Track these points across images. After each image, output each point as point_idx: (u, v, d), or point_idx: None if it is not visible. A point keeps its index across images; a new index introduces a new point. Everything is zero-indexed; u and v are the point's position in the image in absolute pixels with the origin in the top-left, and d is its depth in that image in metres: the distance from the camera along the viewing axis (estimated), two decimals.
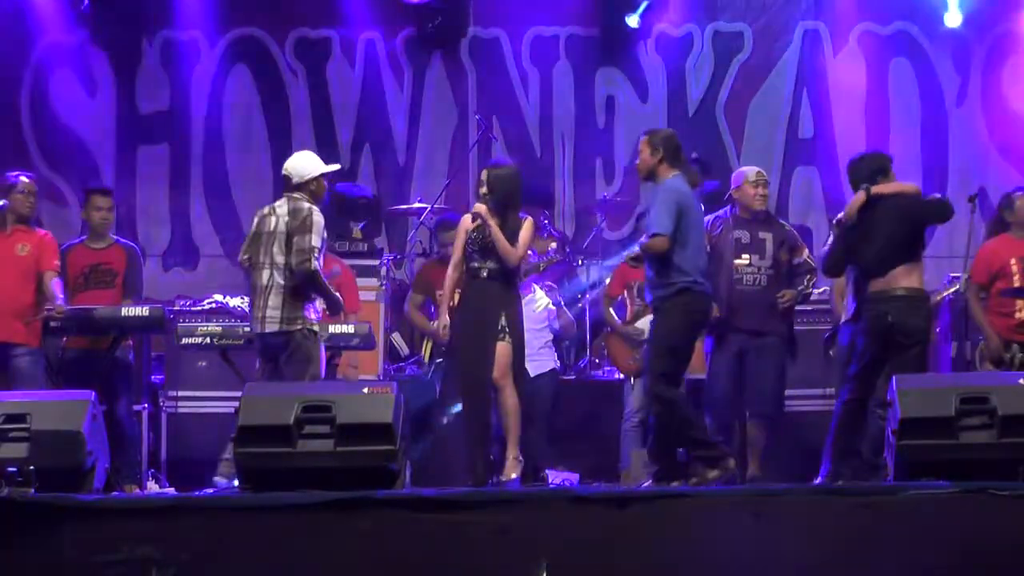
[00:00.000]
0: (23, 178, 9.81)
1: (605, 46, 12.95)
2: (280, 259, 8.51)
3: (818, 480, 8.55)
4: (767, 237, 9.52)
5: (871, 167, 8.92)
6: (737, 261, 9.43)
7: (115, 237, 10.18)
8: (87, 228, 10.20)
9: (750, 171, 9.70)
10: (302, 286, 8.51)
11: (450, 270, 9.12)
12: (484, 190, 9.02)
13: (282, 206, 8.65)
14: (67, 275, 9.91)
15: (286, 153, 12.25)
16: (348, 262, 10.96)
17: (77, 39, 12.63)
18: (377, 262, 11.16)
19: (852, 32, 12.80)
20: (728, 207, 9.68)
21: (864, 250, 8.72)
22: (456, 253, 9.09)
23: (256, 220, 8.81)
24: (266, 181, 12.47)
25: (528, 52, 13.01)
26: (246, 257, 8.74)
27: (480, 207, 8.98)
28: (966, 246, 9.48)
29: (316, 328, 8.51)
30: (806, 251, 9.78)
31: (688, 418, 8.62)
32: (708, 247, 9.17)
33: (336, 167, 9.24)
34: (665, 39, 12.95)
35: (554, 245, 11.17)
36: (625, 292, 10.46)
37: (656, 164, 8.69)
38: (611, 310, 10.50)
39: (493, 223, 8.88)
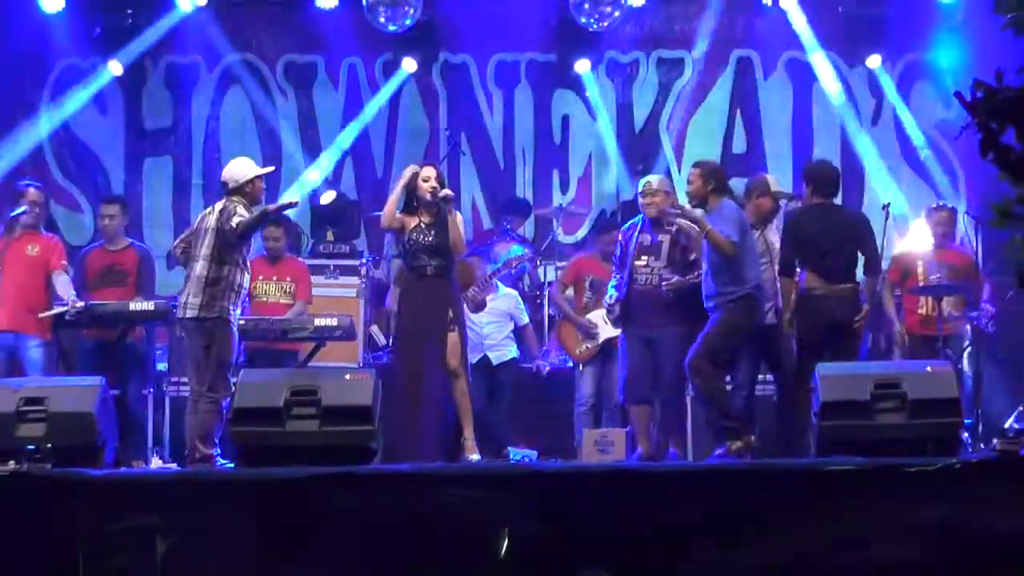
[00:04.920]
0: (31, 189, 9.75)
1: (561, 71, 12.94)
2: (206, 251, 8.42)
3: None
4: (664, 240, 9.06)
5: (835, 179, 9.06)
6: (636, 262, 9.00)
7: (130, 240, 10.15)
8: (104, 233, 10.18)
9: (641, 182, 9.32)
10: (245, 234, 8.35)
11: (390, 206, 8.74)
12: (436, 185, 8.67)
13: (220, 206, 8.56)
14: (86, 274, 9.88)
15: (278, 164, 12.28)
16: (330, 262, 10.97)
17: (90, 62, 12.56)
18: (358, 262, 11.16)
19: (780, 59, 12.84)
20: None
21: (812, 253, 8.79)
22: (396, 191, 8.78)
23: (199, 217, 8.71)
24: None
25: (493, 75, 13.01)
26: (183, 247, 8.65)
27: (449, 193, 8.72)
28: (880, 248, 9.42)
29: (230, 318, 8.41)
30: (695, 252, 9.03)
31: (722, 391, 8.60)
32: (621, 251, 9.08)
33: (270, 169, 9.06)
34: (614, 64, 12.97)
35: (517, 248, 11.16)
36: (575, 285, 10.36)
37: (708, 192, 8.70)
38: (564, 298, 10.32)
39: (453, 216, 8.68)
